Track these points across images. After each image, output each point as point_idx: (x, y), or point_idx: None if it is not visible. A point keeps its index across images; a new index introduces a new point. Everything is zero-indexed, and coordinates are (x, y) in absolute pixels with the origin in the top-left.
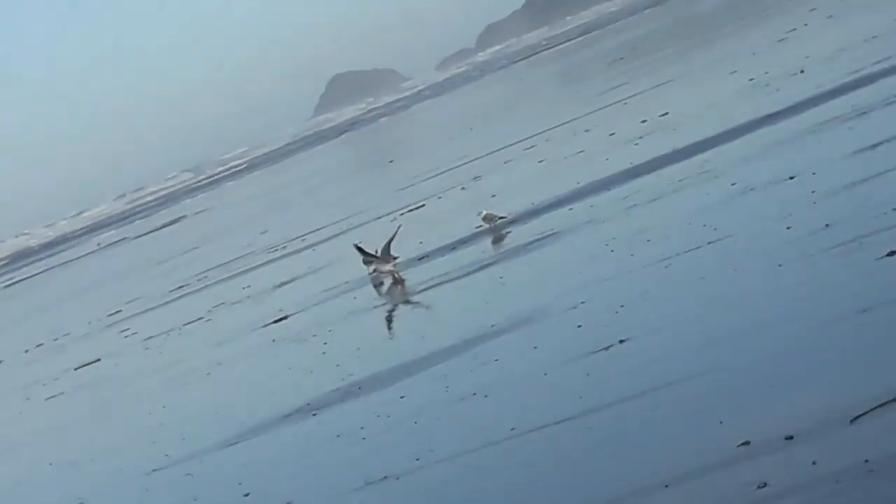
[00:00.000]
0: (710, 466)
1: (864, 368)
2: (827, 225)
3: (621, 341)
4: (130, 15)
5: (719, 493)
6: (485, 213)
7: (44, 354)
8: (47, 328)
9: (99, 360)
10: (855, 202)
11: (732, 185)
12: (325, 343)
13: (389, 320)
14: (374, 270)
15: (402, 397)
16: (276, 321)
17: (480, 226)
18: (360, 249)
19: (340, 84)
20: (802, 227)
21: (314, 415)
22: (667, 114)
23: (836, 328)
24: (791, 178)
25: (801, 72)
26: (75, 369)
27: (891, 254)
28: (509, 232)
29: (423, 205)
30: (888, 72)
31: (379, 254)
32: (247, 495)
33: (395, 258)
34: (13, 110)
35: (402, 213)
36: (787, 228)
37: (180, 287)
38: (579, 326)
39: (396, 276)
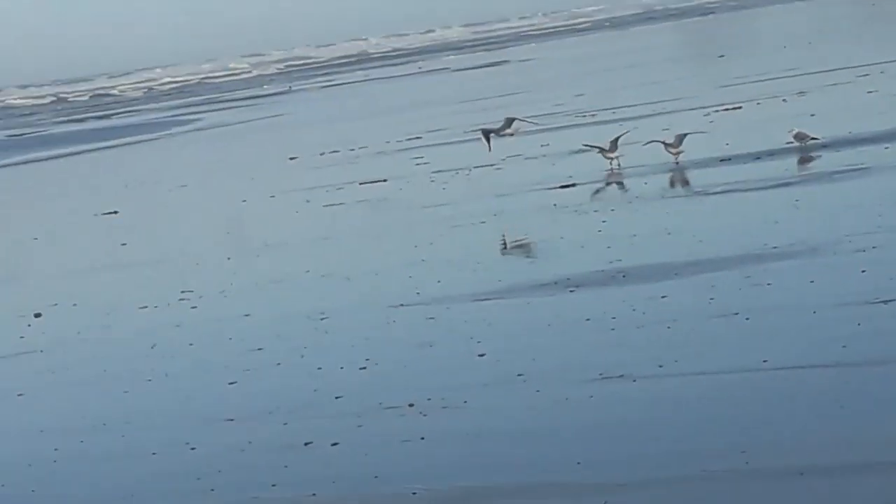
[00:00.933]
0: None
1: None
2: None
3: None
4: None
5: None
6: (797, 130)
7: (336, 161)
8: (348, 137)
9: (386, 180)
10: None
11: None
12: (604, 221)
13: (671, 215)
14: (601, 153)
15: (662, 297)
16: (562, 186)
17: (790, 142)
18: (589, 146)
19: None
20: None
21: (571, 291)
22: None
23: None
24: None
25: None
26: (360, 184)
27: None
28: (819, 156)
29: (740, 107)
30: None
31: (607, 146)
32: (482, 355)
33: (618, 152)
34: None
35: (717, 111)
36: None
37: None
38: (863, 271)
39: (614, 165)
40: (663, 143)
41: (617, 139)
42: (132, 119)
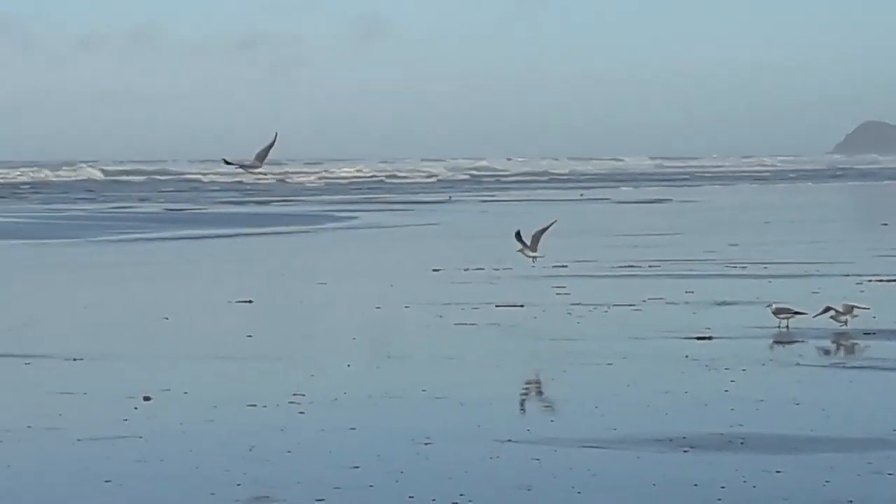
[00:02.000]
0: None
1: None
2: None
3: None
4: None
5: None
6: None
7: (478, 279)
8: (494, 254)
9: (522, 306)
10: None
11: None
12: (732, 381)
13: (802, 384)
14: (520, 251)
15: (777, 472)
16: (698, 338)
17: None
18: (518, 237)
19: (869, 131)
20: None
21: (684, 451)
22: None
23: None
24: None
25: None
26: (497, 306)
27: None
28: None
29: (895, 280)
30: None
31: (529, 242)
32: None
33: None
34: None
35: (870, 281)
36: None
37: (630, 266)
38: None
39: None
40: (834, 310)
41: (542, 232)
42: (291, 208)
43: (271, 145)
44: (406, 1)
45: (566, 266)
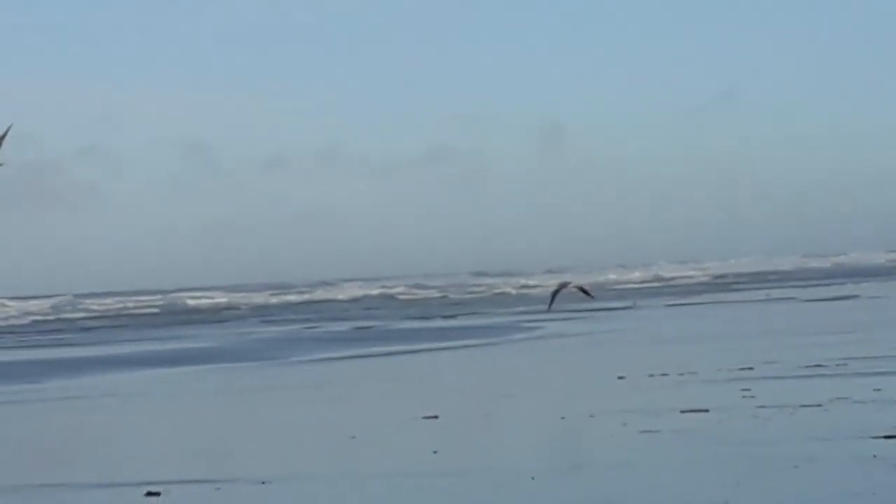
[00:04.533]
0: None
1: None
2: None
3: None
4: None
5: None
6: None
7: (662, 385)
8: (679, 360)
9: (707, 410)
10: None
11: None
12: None
13: None
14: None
15: None
16: (887, 437)
17: None
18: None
19: None
20: None
21: None
22: None
23: None
24: None
25: None
26: (681, 411)
27: None
28: None
29: None
30: None
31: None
32: None
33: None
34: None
35: None
36: None
37: (817, 365)
38: None
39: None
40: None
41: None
42: (478, 321)
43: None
44: (586, 107)
45: (752, 368)
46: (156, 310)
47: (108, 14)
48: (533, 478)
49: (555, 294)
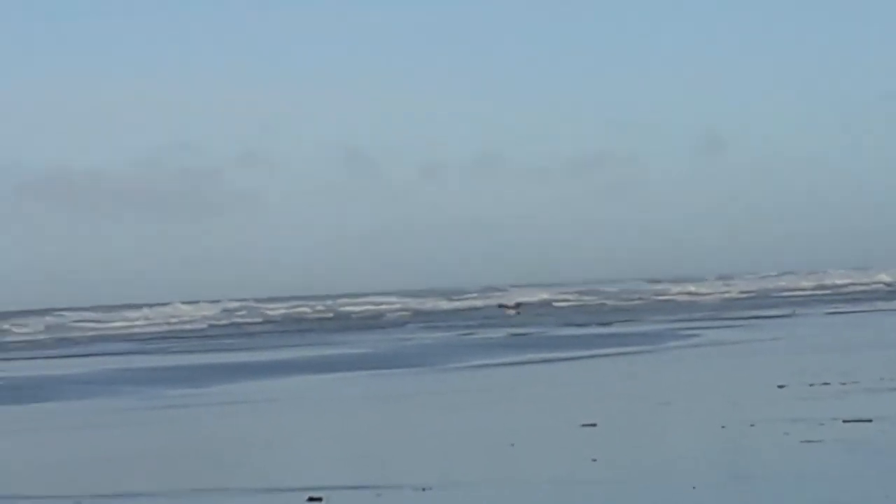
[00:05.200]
0: None
1: None
2: None
3: None
4: None
5: None
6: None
7: (824, 394)
8: (841, 368)
9: (871, 420)
10: None
11: None
12: None
13: None
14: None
15: None
16: None
17: None
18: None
19: None
20: None
21: None
22: None
23: None
24: None
25: None
26: (844, 421)
27: None
28: None
29: None
30: None
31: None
32: None
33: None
34: None
35: None
36: None
37: None
38: None
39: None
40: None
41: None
42: (633, 328)
43: None
44: (745, 117)
45: None
46: (320, 315)
47: (269, 21)
48: (694, 487)
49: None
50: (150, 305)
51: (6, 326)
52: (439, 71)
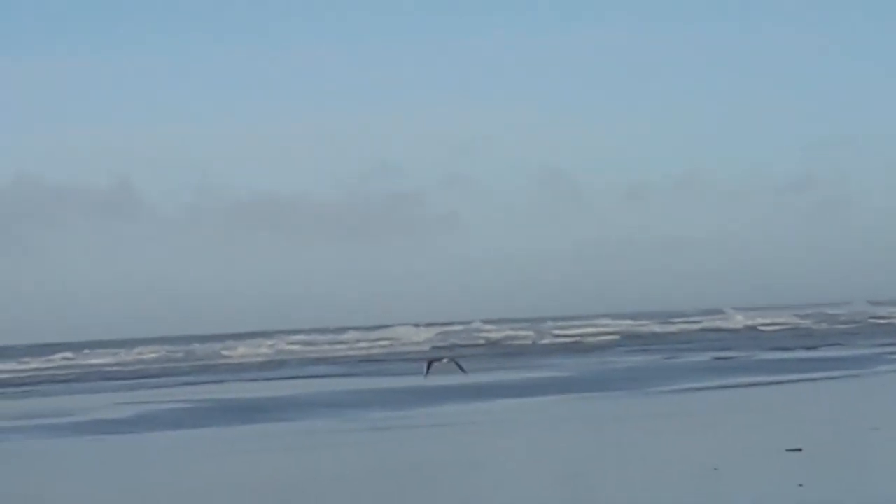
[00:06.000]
0: None
1: None
2: None
3: None
4: None
5: None
6: None
7: None
8: None
9: None
10: None
11: None
12: None
13: None
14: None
15: None
16: None
17: None
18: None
19: None
20: None
21: None
22: None
23: None
24: None
25: None
26: None
27: None
28: None
29: None
30: None
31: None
32: None
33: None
34: None
35: None
36: None
37: None
38: None
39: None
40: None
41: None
42: (839, 352)
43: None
44: None
45: None
46: (525, 340)
47: (468, 44)
48: None
49: (429, 365)
50: (366, 329)
51: (223, 350)
52: (634, 92)
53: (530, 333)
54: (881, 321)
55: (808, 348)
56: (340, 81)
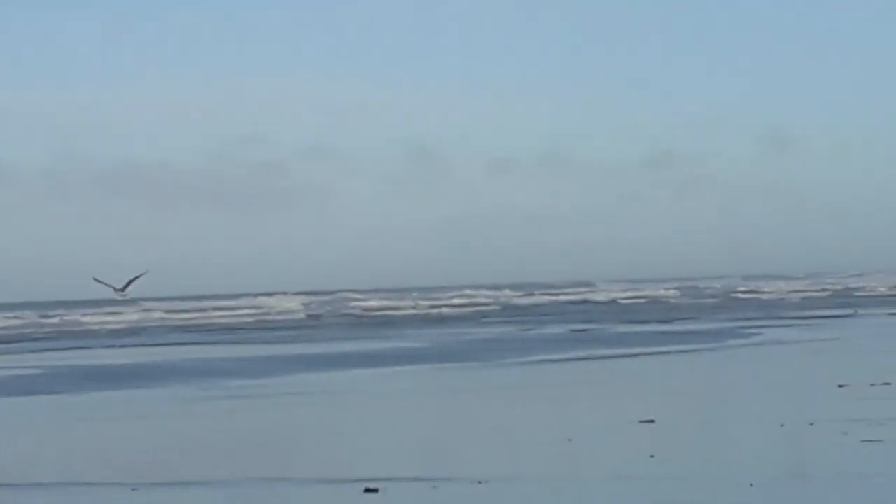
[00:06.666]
0: None
1: None
2: None
3: None
4: None
5: None
6: None
7: (886, 394)
8: None
9: None
10: None
11: None
12: None
13: None
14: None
15: None
16: None
17: None
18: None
19: None
20: None
21: None
22: None
23: None
24: None
25: None
26: None
27: None
28: None
29: None
30: None
31: (121, 286)
32: None
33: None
34: None
35: None
36: None
37: None
38: None
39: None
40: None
41: (132, 281)
42: (694, 326)
43: (136, 278)
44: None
45: None
46: (393, 311)
47: (337, 15)
48: (752, 485)
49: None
50: (233, 296)
51: (81, 317)
52: (505, 67)
53: (397, 304)
54: (741, 296)
55: (664, 321)
56: (208, 48)
